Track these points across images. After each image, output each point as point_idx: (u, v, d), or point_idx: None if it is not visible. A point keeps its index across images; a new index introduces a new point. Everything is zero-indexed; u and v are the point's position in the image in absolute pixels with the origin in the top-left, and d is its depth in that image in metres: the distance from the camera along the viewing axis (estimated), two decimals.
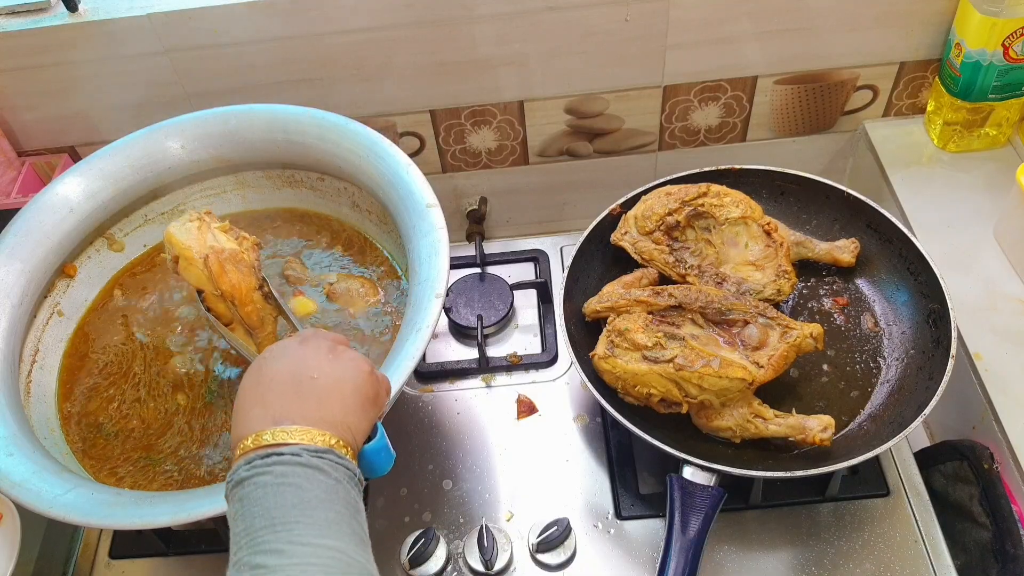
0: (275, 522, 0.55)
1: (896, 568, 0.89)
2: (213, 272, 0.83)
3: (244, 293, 0.84)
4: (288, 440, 0.59)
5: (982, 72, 1.09)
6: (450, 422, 1.04)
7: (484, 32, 1.10)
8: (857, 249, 1.01)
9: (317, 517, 0.56)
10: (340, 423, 0.62)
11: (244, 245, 0.86)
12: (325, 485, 0.58)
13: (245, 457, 0.59)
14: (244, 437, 0.60)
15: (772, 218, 1.01)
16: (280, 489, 0.57)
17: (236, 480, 0.58)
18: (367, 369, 0.67)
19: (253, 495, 0.57)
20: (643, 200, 1.02)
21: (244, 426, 0.61)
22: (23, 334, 0.93)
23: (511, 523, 0.95)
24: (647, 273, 0.99)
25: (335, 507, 0.57)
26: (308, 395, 0.62)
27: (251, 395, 0.63)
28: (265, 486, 0.57)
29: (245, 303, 0.84)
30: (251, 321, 0.85)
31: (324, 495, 0.57)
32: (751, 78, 1.18)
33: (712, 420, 0.89)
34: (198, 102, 1.14)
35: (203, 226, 0.86)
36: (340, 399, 0.63)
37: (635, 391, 0.89)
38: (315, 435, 0.60)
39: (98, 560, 0.98)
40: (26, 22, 1.07)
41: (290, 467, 0.58)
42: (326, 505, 0.57)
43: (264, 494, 0.57)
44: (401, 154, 0.97)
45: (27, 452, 0.81)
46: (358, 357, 0.67)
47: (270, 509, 0.56)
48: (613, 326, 0.92)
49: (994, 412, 0.92)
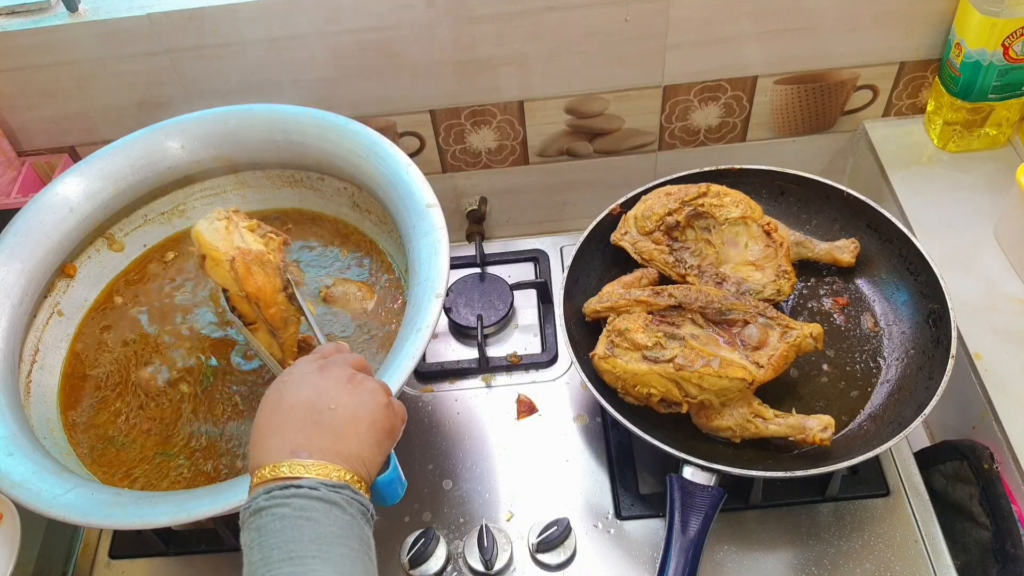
0: (292, 555, 0.57)
1: (896, 568, 0.89)
2: (239, 274, 0.83)
3: (269, 295, 0.84)
4: (304, 474, 0.60)
5: (982, 72, 1.09)
6: (450, 422, 1.05)
7: (484, 32, 1.10)
8: (857, 249, 1.01)
9: (333, 553, 0.58)
10: (355, 456, 0.63)
11: (271, 245, 0.86)
12: (342, 521, 0.59)
13: (264, 487, 0.60)
14: (262, 466, 0.61)
15: (772, 218, 1.01)
16: (298, 523, 0.58)
17: (255, 509, 0.59)
18: (384, 401, 0.67)
19: (271, 526, 0.58)
20: (643, 200, 1.02)
21: (262, 455, 0.62)
22: (23, 334, 0.93)
23: (511, 523, 0.95)
24: (647, 273, 0.99)
25: (350, 543, 0.59)
26: (326, 428, 0.63)
27: (269, 423, 0.64)
28: (284, 518, 0.58)
29: (269, 305, 0.84)
30: (275, 322, 0.85)
31: (340, 531, 0.59)
32: (751, 78, 1.18)
33: (712, 420, 0.89)
34: (198, 102, 1.14)
35: (231, 225, 0.85)
36: (356, 434, 0.64)
37: (635, 391, 0.89)
38: (331, 470, 0.61)
39: (98, 560, 0.98)
40: (26, 22, 1.07)
41: (308, 500, 0.59)
42: (341, 541, 0.59)
43: (283, 526, 0.58)
44: (401, 154, 0.97)
45: (27, 452, 0.81)
46: (376, 388, 0.68)
47: (288, 542, 0.57)
48: (613, 326, 0.92)
49: (994, 412, 0.92)
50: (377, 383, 0.68)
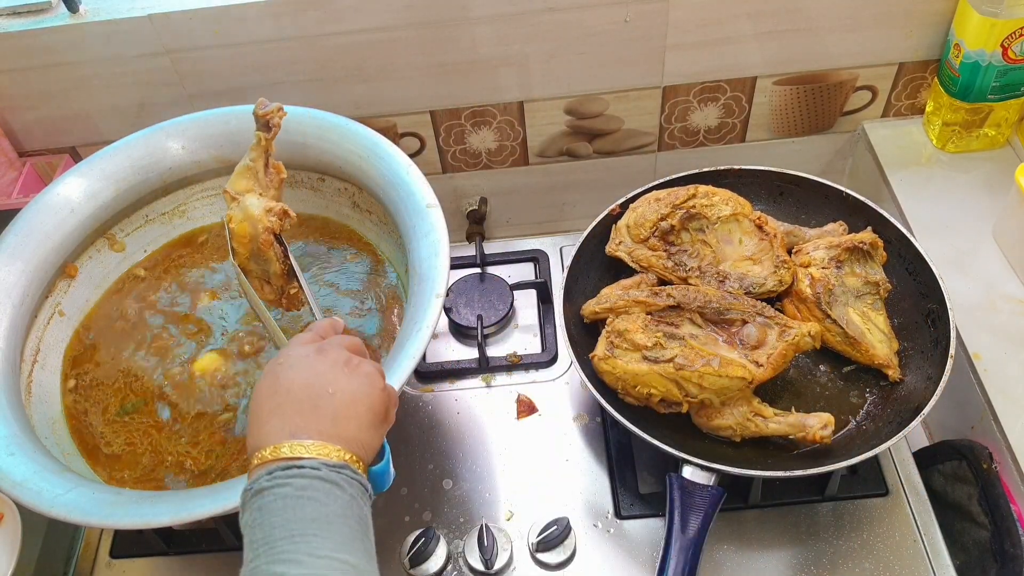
0: (294, 533, 0.57)
1: (895, 568, 0.89)
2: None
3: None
4: (305, 454, 0.61)
5: (981, 73, 1.09)
6: (450, 422, 1.05)
7: (484, 33, 1.10)
8: (845, 231, 1.01)
9: (334, 532, 0.58)
10: (354, 439, 0.64)
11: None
12: (342, 501, 0.60)
13: (265, 467, 0.60)
14: (262, 447, 0.62)
15: (761, 212, 1.01)
16: (300, 502, 0.58)
17: (256, 489, 0.59)
18: (380, 385, 0.68)
19: (272, 505, 0.58)
20: (632, 209, 1.03)
21: (262, 436, 0.62)
22: (24, 334, 0.93)
23: (511, 523, 0.95)
24: (645, 278, 0.99)
25: (350, 523, 0.59)
26: (324, 411, 0.63)
27: (268, 404, 0.64)
28: (285, 497, 0.58)
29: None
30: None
31: (341, 511, 0.59)
32: (750, 79, 1.19)
33: (712, 419, 0.89)
34: (199, 102, 1.14)
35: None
36: (355, 417, 0.65)
37: (635, 391, 0.90)
38: (331, 450, 0.61)
39: (99, 560, 0.98)
40: (27, 23, 1.07)
41: (309, 480, 0.59)
42: (342, 520, 0.59)
43: (284, 505, 0.58)
44: (401, 155, 0.97)
45: (28, 452, 0.81)
46: (372, 371, 0.68)
47: (290, 521, 0.57)
48: (612, 327, 0.92)
49: (993, 412, 0.93)
50: (373, 367, 0.69)
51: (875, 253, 0.97)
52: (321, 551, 0.56)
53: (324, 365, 0.66)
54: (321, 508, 0.58)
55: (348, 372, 0.66)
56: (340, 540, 0.58)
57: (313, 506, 0.58)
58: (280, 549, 0.56)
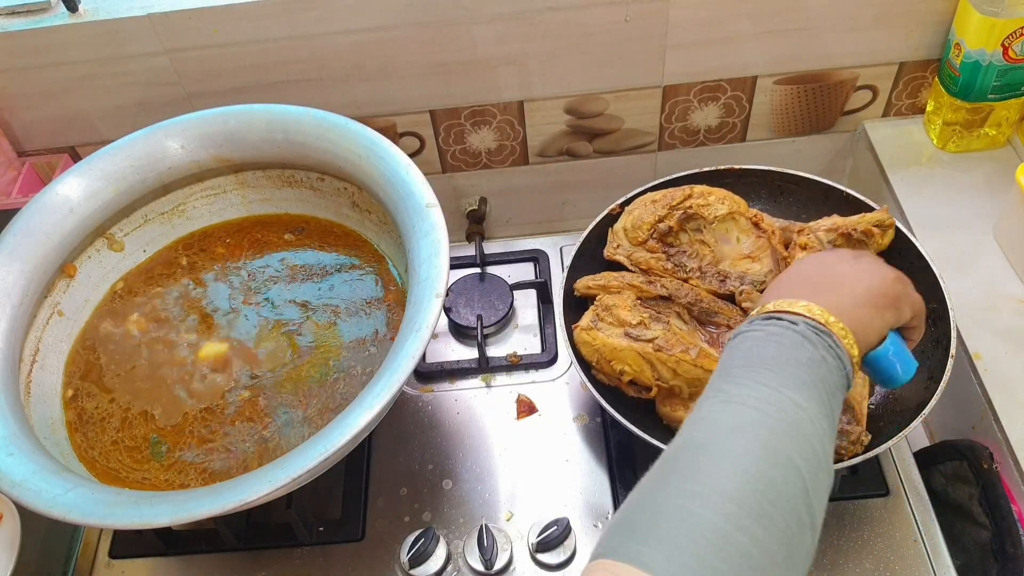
0: (750, 363, 0.61)
1: (895, 568, 0.89)
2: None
3: None
4: (789, 309, 0.64)
5: (981, 72, 1.09)
6: (450, 422, 1.05)
7: (484, 32, 1.10)
8: None
9: (789, 373, 0.59)
10: (849, 313, 0.65)
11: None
12: (810, 354, 0.61)
13: (749, 319, 0.66)
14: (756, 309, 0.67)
15: (757, 210, 1.01)
16: (765, 342, 0.62)
17: (737, 332, 0.65)
18: (890, 276, 0.71)
19: (741, 345, 0.63)
20: (627, 212, 1.02)
21: (761, 305, 0.68)
22: (23, 334, 0.93)
23: (511, 523, 0.95)
24: (646, 279, 0.99)
25: (810, 374, 0.60)
26: (820, 284, 0.68)
27: (775, 286, 0.71)
28: (755, 339, 0.63)
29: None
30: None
31: (804, 360, 0.61)
32: (751, 78, 1.18)
33: (677, 410, 0.89)
34: (198, 102, 1.14)
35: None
36: (851, 292, 0.68)
37: (609, 367, 0.89)
38: (816, 311, 0.64)
39: (98, 560, 0.98)
40: (26, 22, 1.07)
41: (782, 328, 0.63)
42: (803, 369, 0.60)
43: (752, 344, 0.63)
44: (401, 154, 0.97)
45: (27, 452, 0.81)
46: (882, 266, 0.72)
47: (749, 354, 0.62)
48: (601, 302, 0.93)
49: (994, 412, 0.92)
50: (882, 264, 0.73)
51: (870, 241, 0.97)
52: (769, 382, 0.58)
53: (832, 256, 0.74)
54: (784, 353, 0.61)
55: (853, 261, 0.72)
56: (793, 382, 0.59)
57: (777, 348, 0.61)
58: (733, 374, 0.61)
